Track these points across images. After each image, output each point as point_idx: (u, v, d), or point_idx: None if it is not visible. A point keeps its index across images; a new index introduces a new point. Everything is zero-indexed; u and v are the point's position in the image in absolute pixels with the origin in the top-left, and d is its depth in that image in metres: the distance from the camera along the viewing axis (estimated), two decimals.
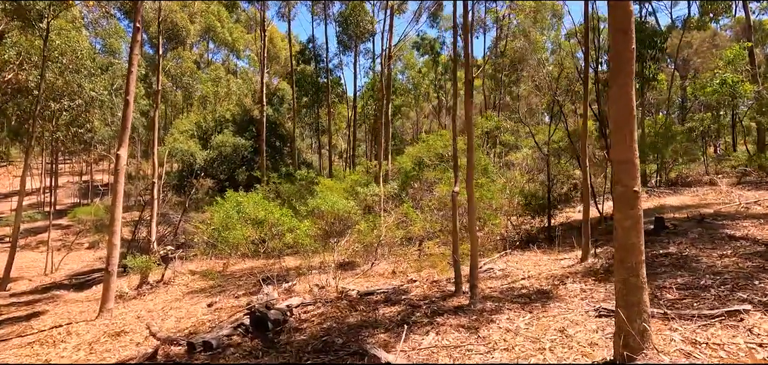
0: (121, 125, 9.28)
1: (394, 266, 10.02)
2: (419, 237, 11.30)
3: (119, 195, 9.08)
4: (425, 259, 10.62)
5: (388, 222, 9.80)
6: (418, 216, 9.54)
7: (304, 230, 8.23)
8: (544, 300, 5.90)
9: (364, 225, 9.13)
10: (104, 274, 9.19)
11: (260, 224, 8.43)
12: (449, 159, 12.78)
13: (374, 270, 10.10)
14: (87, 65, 22.10)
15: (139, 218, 16.26)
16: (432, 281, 8.12)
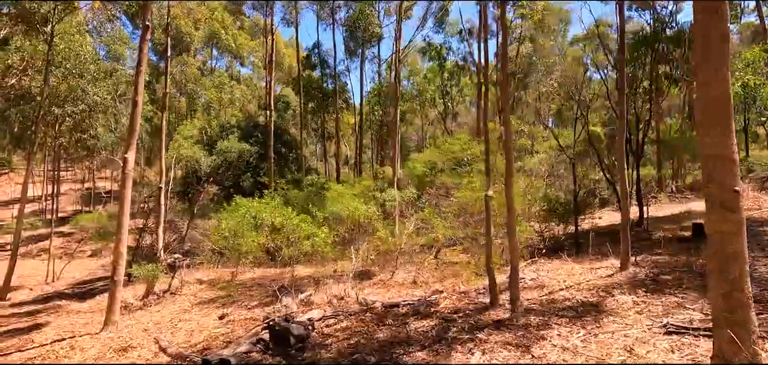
0: (129, 127, 8.83)
1: (415, 275, 9.50)
2: (438, 245, 10.79)
3: (126, 201, 8.60)
4: (446, 268, 10.10)
5: (407, 229, 9.29)
6: (440, 222, 9.05)
7: (323, 237, 7.73)
8: (595, 314, 5.38)
9: (384, 232, 8.64)
10: (110, 284, 8.69)
11: (277, 230, 7.93)
12: (469, 162, 12.33)
13: (393, 280, 9.57)
14: (91, 69, 21.75)
15: (144, 226, 15.77)
16: (460, 292, 7.59)
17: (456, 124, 41.28)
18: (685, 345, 4.03)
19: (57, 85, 20.77)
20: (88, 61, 21.83)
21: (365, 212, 8.89)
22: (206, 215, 19.50)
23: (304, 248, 7.72)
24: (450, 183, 12.73)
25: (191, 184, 25.20)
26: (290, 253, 7.89)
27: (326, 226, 8.73)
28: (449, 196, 12.91)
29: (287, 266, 14.43)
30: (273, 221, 7.80)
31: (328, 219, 9.30)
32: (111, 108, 26.08)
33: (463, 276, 8.81)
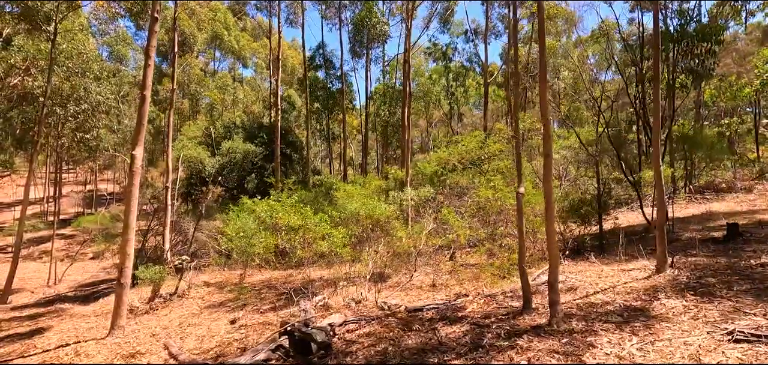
0: (136, 122, 8.47)
1: (433, 277, 9.10)
2: (455, 246, 10.39)
3: (134, 198, 8.23)
4: (464, 270, 9.70)
5: (425, 229, 8.89)
6: (459, 222, 8.65)
7: (341, 238, 7.34)
8: (644, 320, 4.98)
9: (403, 232, 8.24)
10: (116, 287, 8.31)
11: (294, 230, 7.54)
12: (482, 161, 11.95)
13: (410, 282, 9.17)
14: (94, 68, 21.44)
15: (148, 227, 15.39)
16: (485, 295, 7.19)
17: (461, 125, 40.92)
18: (761, 355, 3.63)
19: (60, 84, 20.45)
20: (90, 59, 21.54)
21: (384, 211, 8.49)
22: (211, 216, 19.10)
23: (320, 248, 7.33)
24: (464, 183, 12.32)
25: (195, 185, 24.85)
26: (304, 254, 7.50)
27: (342, 226, 8.31)
28: (462, 196, 12.53)
29: (296, 268, 14.10)
30: (290, 222, 7.40)
31: (342, 219, 8.89)
32: (114, 108, 25.81)
33: (485, 278, 8.41)
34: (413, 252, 8.78)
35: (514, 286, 7.72)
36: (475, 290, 8.14)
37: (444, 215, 8.46)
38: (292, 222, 7.55)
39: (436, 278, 9.09)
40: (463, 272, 9.43)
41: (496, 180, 9.84)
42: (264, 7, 40.40)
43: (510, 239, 8.96)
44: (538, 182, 11.03)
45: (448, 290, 8.48)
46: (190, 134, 27.81)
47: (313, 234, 7.40)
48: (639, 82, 11.39)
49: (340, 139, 41.42)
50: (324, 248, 7.33)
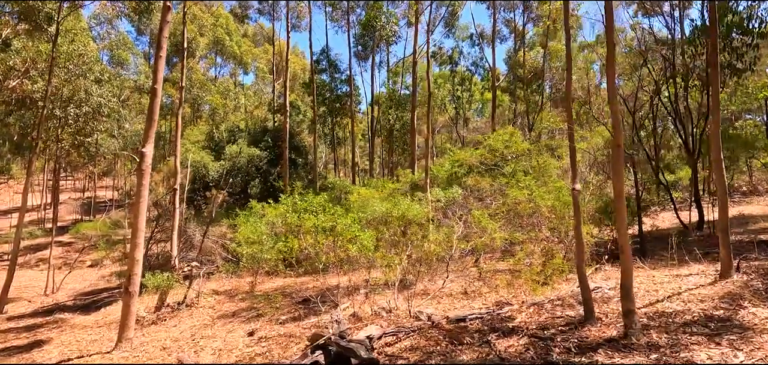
0: (147, 118, 7.86)
1: (464, 284, 8.46)
2: (481, 252, 9.75)
3: (143, 200, 7.59)
4: (498, 276, 9.07)
5: (456, 232, 8.27)
6: (494, 225, 8.05)
7: (371, 241, 6.70)
8: (738, 331, 4.36)
9: (437, 235, 7.61)
10: (123, 295, 7.63)
11: (326, 232, 6.90)
12: (510, 161, 11.37)
13: (441, 289, 8.53)
14: (95, 70, 20.86)
15: (153, 232, 14.70)
16: (531, 304, 6.55)
17: (467, 130, 40.42)
18: None
19: (60, 86, 19.85)
20: (92, 61, 20.97)
21: (418, 212, 7.86)
22: (216, 222, 18.45)
23: (349, 252, 6.70)
24: (485, 185, 11.70)
25: (198, 190, 24.19)
26: (329, 259, 6.87)
27: (368, 229, 7.67)
28: (483, 199, 11.90)
29: (310, 275, 13.43)
30: (317, 223, 6.76)
31: (369, 221, 8.25)
32: (115, 112, 25.18)
33: (523, 285, 7.77)
34: (444, 257, 8.15)
35: (560, 293, 7.09)
36: (513, 297, 7.51)
37: (476, 217, 7.86)
38: (323, 223, 6.90)
39: (467, 285, 8.45)
40: (497, 278, 8.79)
41: (527, 180, 9.25)
42: (267, 11, 40.01)
43: (546, 243, 8.34)
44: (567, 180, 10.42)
45: (482, 298, 7.85)
46: (193, 138, 27.22)
47: (343, 237, 6.77)
48: (671, 79, 10.86)
49: (343, 144, 40.89)
50: (353, 251, 6.71)
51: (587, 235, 7.89)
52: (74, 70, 20.27)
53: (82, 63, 20.40)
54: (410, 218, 7.88)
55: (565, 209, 8.29)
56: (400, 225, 8.04)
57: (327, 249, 6.99)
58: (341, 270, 10.02)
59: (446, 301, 7.84)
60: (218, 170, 24.26)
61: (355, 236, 6.94)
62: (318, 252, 7.11)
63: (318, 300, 8.75)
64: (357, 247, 6.78)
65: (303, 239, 6.99)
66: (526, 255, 7.59)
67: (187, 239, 14.67)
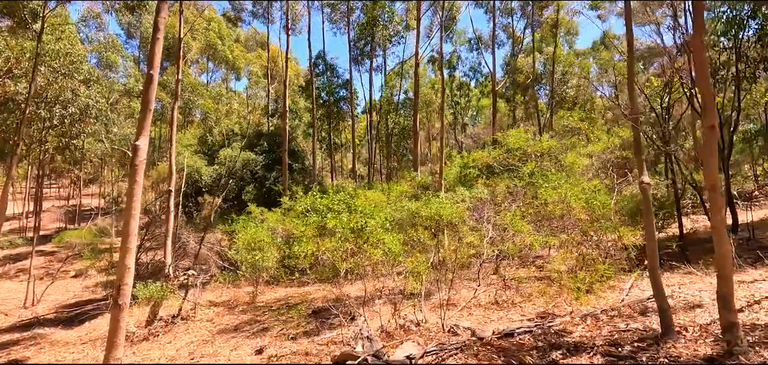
0: (141, 106, 6.98)
1: (493, 294, 7.66)
2: (512, 254, 8.97)
3: (136, 199, 6.66)
4: (522, 284, 8.30)
5: (486, 235, 7.48)
6: (527, 228, 7.29)
7: (397, 246, 5.86)
8: None
9: (473, 238, 6.81)
10: (111, 308, 6.65)
11: (355, 233, 6.04)
12: (533, 159, 10.65)
13: (468, 299, 7.71)
14: (82, 69, 19.79)
15: (143, 239, 13.66)
16: (584, 314, 5.78)
17: (464, 135, 39.88)
18: None
19: (45, 86, 18.75)
20: (79, 60, 19.91)
21: (452, 212, 7.05)
22: (210, 228, 17.42)
23: (375, 257, 5.87)
24: (503, 187, 10.96)
25: (190, 196, 23.11)
26: (347, 266, 6.02)
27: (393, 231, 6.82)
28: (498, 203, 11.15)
29: (314, 283, 12.51)
30: (341, 224, 5.90)
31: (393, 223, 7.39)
32: (103, 114, 24.06)
33: (563, 293, 7.01)
34: (471, 264, 7.36)
35: (608, 302, 6.35)
36: (553, 307, 6.74)
37: (508, 219, 7.10)
38: (348, 224, 6.04)
39: (497, 294, 7.66)
40: (525, 286, 8.02)
41: (557, 178, 8.54)
42: (261, 13, 39.20)
43: (583, 248, 7.61)
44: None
45: (517, 308, 7.07)
46: (185, 142, 26.17)
47: (369, 240, 5.93)
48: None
49: (338, 149, 40.02)
50: (377, 256, 5.88)
51: (628, 236, 7.17)
52: (60, 69, 19.23)
53: (68, 62, 19.34)
54: (442, 219, 7.07)
55: (603, 209, 7.58)
56: (430, 227, 7.23)
57: (345, 254, 6.15)
58: (352, 279, 9.18)
59: (478, 312, 7.04)
60: (211, 175, 23.24)
61: (378, 239, 6.11)
62: (335, 258, 6.26)
63: (333, 312, 7.89)
64: (381, 251, 5.95)
65: (321, 242, 6.14)
66: (563, 261, 6.83)
67: (181, 247, 13.66)
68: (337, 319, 7.94)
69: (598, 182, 8.41)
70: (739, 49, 9.83)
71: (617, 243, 8.17)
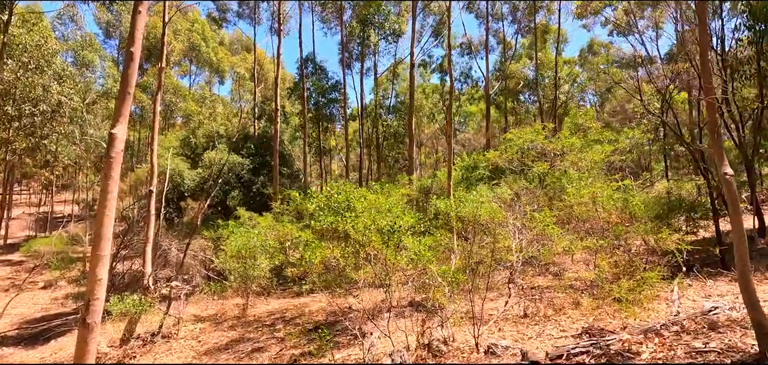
0: (120, 89, 5.97)
1: (523, 306, 6.85)
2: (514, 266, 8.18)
3: (111, 197, 5.63)
4: (544, 294, 7.53)
5: (512, 240, 6.67)
6: (559, 232, 6.53)
7: (425, 251, 4.98)
8: None
9: (509, 242, 5.95)
10: (79, 328, 5.57)
11: (387, 233, 5.12)
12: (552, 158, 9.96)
13: (487, 311, 6.87)
14: (55, 64, 18.40)
15: (120, 246, 12.42)
16: (642, 330, 5.00)
17: (456, 141, 39.35)
18: None
19: (13, 81, 17.31)
20: (50, 54, 18.51)
21: (491, 211, 6.23)
22: (194, 234, 16.19)
23: (399, 263, 4.99)
24: (514, 189, 10.23)
25: (172, 200, 21.75)
26: (365, 274, 5.14)
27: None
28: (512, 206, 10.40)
29: (309, 295, 11.50)
30: (361, 224, 4.98)
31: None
32: (78, 114, 22.56)
33: (604, 304, 6.24)
34: (511, 269, 6.54)
35: (658, 315, 5.60)
36: (594, 319, 5.95)
37: (538, 221, 6.32)
38: (381, 224, 5.08)
39: (526, 307, 6.85)
40: (549, 296, 7.24)
41: (584, 178, 7.87)
42: (247, 14, 38.09)
43: (621, 253, 6.87)
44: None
45: (553, 322, 6.26)
46: (167, 144, 24.75)
47: (391, 244, 5.04)
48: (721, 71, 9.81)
49: (329, 154, 39.03)
50: (401, 263, 5.01)
51: (667, 239, 6.46)
52: (30, 63, 17.82)
53: (40, 56, 17.94)
54: (477, 220, 6.22)
55: (642, 211, 6.89)
56: (463, 228, 6.40)
57: (363, 261, 5.25)
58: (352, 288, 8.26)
59: (509, 327, 6.20)
60: (195, 179, 21.95)
61: (399, 242, 5.23)
62: (347, 265, 5.35)
63: (338, 327, 6.95)
64: (406, 257, 5.08)
65: (334, 247, 5.23)
66: (605, 270, 6.06)
67: (162, 255, 12.46)
68: (344, 336, 7.01)
69: (629, 181, 7.76)
70: (757, 43, 9.39)
71: (650, 247, 7.49)
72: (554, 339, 5.38)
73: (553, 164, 9.97)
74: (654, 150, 19.81)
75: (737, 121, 9.71)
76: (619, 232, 7.23)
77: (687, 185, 9.40)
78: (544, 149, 9.99)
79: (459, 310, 6.45)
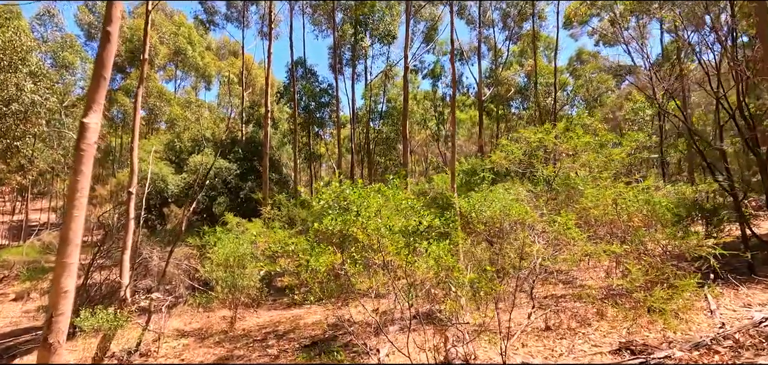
0: (93, 73, 5.25)
1: (545, 318, 6.24)
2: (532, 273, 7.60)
3: (80, 195, 4.88)
4: (560, 304, 6.95)
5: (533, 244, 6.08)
6: (582, 236, 5.98)
7: (448, 256, 4.35)
8: None
9: (538, 246, 5.33)
10: (39, 349, 4.76)
11: (412, 236, 4.44)
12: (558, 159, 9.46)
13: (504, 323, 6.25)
14: (30, 61, 17.30)
15: (95, 255, 11.44)
16: (693, 346, 4.44)
17: (446, 148, 38.99)
18: None
19: None
20: (25, 51, 17.43)
21: (521, 211, 5.61)
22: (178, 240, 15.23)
23: (419, 270, 4.34)
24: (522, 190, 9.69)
25: (154, 207, 20.69)
26: (378, 282, 4.47)
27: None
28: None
29: (301, 306, 10.72)
30: (384, 224, 4.29)
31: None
32: (55, 115, 21.39)
33: (636, 315, 5.67)
34: (533, 275, 5.93)
35: (699, 327, 5.06)
36: (630, 333, 5.38)
37: (561, 224, 5.75)
38: (395, 225, 4.40)
39: (547, 318, 6.24)
40: (566, 308, 6.66)
41: (602, 180, 7.37)
42: (235, 17, 37.27)
43: (650, 258, 6.33)
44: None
45: (581, 336, 5.66)
46: (150, 147, 23.69)
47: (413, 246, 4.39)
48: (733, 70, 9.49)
49: (318, 160, 38.22)
50: (422, 269, 4.35)
51: (712, 248, 5.94)
52: (3, 60, 16.73)
53: (12, 52, 16.85)
54: (504, 221, 5.61)
55: (669, 214, 6.39)
56: (488, 231, 5.78)
57: (377, 268, 4.59)
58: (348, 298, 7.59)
59: (533, 342, 5.58)
60: (179, 184, 20.94)
61: (415, 246, 4.58)
62: (355, 272, 4.67)
63: (339, 342, 6.25)
64: (425, 263, 4.43)
65: (340, 253, 4.56)
66: (637, 278, 5.50)
67: (142, 263, 11.53)
68: (347, 351, 6.30)
69: (650, 182, 7.29)
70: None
71: (673, 252, 6.97)
72: (588, 355, 4.78)
73: (561, 166, 9.47)
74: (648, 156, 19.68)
75: (750, 120, 9.38)
76: (642, 236, 6.71)
77: (702, 186, 9.02)
78: (557, 148, 9.49)
79: (472, 323, 5.82)
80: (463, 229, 5.81)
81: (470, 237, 6.08)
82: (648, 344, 4.76)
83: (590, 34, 37.43)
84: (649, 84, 11.42)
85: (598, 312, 6.25)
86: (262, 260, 9.86)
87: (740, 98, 9.18)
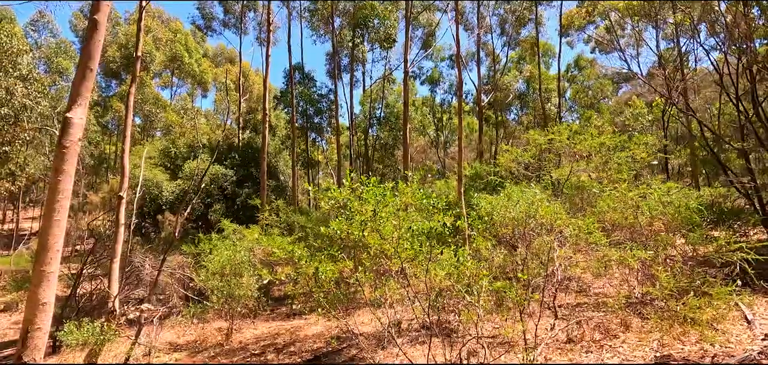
0: (79, 64, 4.85)
1: (566, 330, 5.81)
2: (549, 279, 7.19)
3: (62, 196, 4.45)
4: (577, 312, 6.53)
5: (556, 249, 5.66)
6: (605, 241, 5.57)
7: (470, 263, 3.93)
8: None
9: (566, 252, 4.87)
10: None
11: (436, 239, 4.02)
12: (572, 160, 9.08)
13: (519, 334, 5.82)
14: (21, 64, 16.84)
15: (81, 269, 10.90)
16: (741, 361, 4.02)
17: (445, 154, 38.73)
18: None
19: None
20: (15, 53, 16.99)
21: (553, 212, 5.18)
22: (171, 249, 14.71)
23: (437, 277, 3.92)
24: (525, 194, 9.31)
25: (148, 214, 20.14)
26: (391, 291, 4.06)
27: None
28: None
29: (300, 316, 10.24)
30: (403, 226, 3.87)
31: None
32: (47, 120, 20.89)
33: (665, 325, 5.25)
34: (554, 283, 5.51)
35: (737, 337, 4.66)
36: (662, 345, 4.96)
37: (583, 228, 5.35)
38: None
39: (569, 330, 5.82)
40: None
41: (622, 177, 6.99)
42: (232, 23, 36.95)
43: (674, 264, 5.94)
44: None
45: (610, 350, 5.23)
46: (144, 153, 23.18)
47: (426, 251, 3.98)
48: (747, 70, 9.21)
49: (316, 167, 37.81)
50: (440, 276, 3.92)
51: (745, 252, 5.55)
52: None
53: (2, 54, 16.40)
54: (530, 223, 5.19)
55: (696, 217, 6.01)
56: (511, 234, 5.36)
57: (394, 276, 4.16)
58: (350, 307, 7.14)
59: (558, 356, 5.15)
60: (174, 191, 20.42)
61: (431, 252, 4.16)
62: (365, 281, 4.25)
63: (343, 356, 5.79)
64: (442, 269, 4.01)
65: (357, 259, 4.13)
66: (667, 287, 5.09)
67: (134, 272, 11.02)
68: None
69: (674, 184, 6.91)
70: None
71: (697, 257, 6.58)
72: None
73: (573, 169, 9.11)
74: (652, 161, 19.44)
75: (765, 121, 9.06)
76: (665, 240, 6.33)
77: (721, 190, 8.68)
78: (566, 151, 9.14)
79: (493, 334, 5.38)
80: (480, 233, 5.42)
81: (486, 242, 5.67)
82: (689, 359, 4.35)
83: (586, 41, 37.45)
84: (653, 87, 11.16)
85: (622, 322, 5.84)
86: (259, 268, 9.43)
87: (755, 97, 8.88)
